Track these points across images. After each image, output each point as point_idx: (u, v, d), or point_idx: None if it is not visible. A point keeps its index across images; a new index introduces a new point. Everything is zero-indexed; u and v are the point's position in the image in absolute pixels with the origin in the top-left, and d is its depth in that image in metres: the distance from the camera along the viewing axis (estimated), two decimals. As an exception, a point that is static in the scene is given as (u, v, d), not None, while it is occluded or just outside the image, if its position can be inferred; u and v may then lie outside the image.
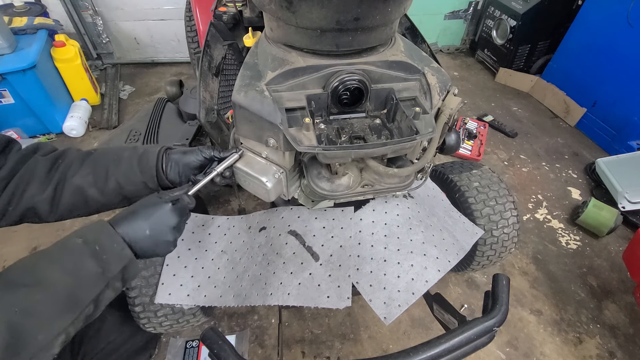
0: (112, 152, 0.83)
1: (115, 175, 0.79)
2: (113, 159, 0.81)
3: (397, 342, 1.45)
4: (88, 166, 0.79)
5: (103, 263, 0.60)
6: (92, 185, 0.78)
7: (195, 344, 1.34)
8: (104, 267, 0.60)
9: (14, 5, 2.36)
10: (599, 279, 1.73)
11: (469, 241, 1.09)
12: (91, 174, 0.78)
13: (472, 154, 2.36)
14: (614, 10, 2.31)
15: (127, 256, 0.63)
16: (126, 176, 0.80)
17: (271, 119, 0.69)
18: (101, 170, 0.79)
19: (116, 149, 0.85)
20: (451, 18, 3.45)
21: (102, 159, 0.81)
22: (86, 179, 0.77)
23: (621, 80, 2.35)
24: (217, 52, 1.17)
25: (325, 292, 0.84)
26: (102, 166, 0.79)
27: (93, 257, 0.59)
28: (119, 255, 0.62)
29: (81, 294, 0.57)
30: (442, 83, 0.81)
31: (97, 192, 0.78)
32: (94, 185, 0.78)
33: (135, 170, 0.80)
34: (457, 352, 0.70)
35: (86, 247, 0.59)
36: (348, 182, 0.83)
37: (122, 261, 0.63)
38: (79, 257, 0.59)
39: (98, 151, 0.83)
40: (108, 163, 0.80)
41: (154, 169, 0.81)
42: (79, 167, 0.78)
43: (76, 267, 0.58)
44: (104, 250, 0.61)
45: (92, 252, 0.59)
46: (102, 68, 3.02)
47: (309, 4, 0.62)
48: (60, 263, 0.57)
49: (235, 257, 0.98)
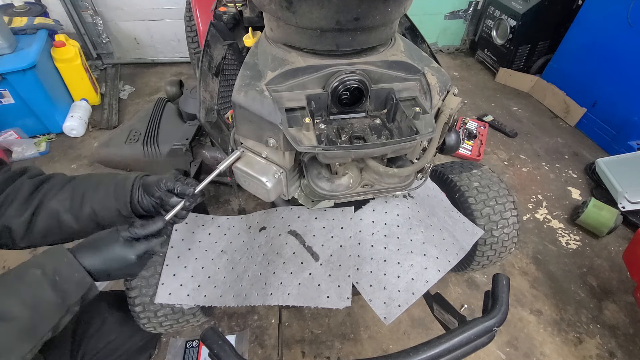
0: (93, 178, 0.83)
1: (91, 201, 0.79)
2: (92, 185, 0.81)
3: (397, 342, 1.45)
4: (67, 190, 0.79)
5: (63, 293, 0.60)
6: (68, 211, 0.77)
7: (195, 344, 1.34)
8: (64, 297, 0.60)
9: (14, 5, 2.36)
10: (599, 279, 1.73)
11: (469, 241, 1.09)
12: (68, 198, 0.78)
13: (472, 154, 2.36)
14: (614, 10, 2.31)
15: (87, 283, 0.64)
16: (101, 203, 0.79)
17: (271, 119, 0.69)
18: (78, 195, 0.79)
19: (99, 175, 0.85)
20: (451, 18, 3.45)
21: (81, 184, 0.81)
22: (63, 204, 0.77)
23: (621, 80, 2.35)
24: (217, 52, 1.16)
25: (325, 292, 0.84)
26: (79, 191, 0.79)
27: (52, 288, 0.59)
28: (79, 284, 0.63)
29: (40, 324, 0.58)
30: (442, 83, 0.81)
31: (72, 217, 0.78)
32: (69, 211, 0.78)
33: (111, 196, 0.80)
34: (457, 352, 0.70)
35: (45, 278, 0.59)
36: (348, 182, 0.83)
37: (82, 289, 0.63)
38: (37, 289, 0.59)
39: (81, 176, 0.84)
40: (86, 188, 0.80)
41: (128, 196, 0.80)
42: (58, 191, 0.78)
43: (35, 299, 0.58)
44: (63, 280, 0.61)
45: (51, 283, 0.59)
46: (102, 68, 3.02)
47: (309, 4, 0.62)
48: (18, 296, 0.57)
49: (235, 257, 0.98)
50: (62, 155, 2.22)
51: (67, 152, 2.24)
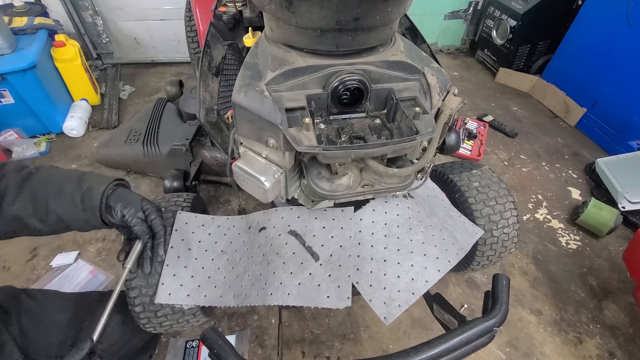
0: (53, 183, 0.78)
1: (56, 210, 0.76)
2: (53, 192, 0.77)
3: (397, 342, 1.45)
4: (26, 196, 0.75)
5: None
6: (32, 216, 0.75)
7: (195, 344, 1.34)
8: None
9: (14, 5, 2.36)
10: (599, 279, 1.73)
11: (469, 241, 1.09)
12: (30, 205, 0.75)
13: (472, 154, 2.36)
14: (614, 10, 2.31)
15: None
16: (68, 211, 0.77)
17: (271, 119, 0.69)
18: (41, 203, 0.76)
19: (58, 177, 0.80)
20: (451, 18, 3.45)
21: (41, 189, 0.77)
22: (24, 210, 0.74)
23: (621, 80, 2.35)
24: (217, 52, 1.16)
25: (325, 292, 0.84)
26: (41, 198, 0.76)
27: None
28: None
29: None
30: (442, 83, 0.81)
31: (38, 222, 0.76)
32: (33, 216, 0.75)
33: (78, 206, 0.77)
34: (457, 352, 0.70)
35: None
36: (348, 182, 0.83)
37: None
38: None
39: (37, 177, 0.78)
40: (48, 196, 0.76)
41: (97, 210, 0.78)
42: (15, 197, 0.74)
43: None
44: None
45: None
46: (102, 68, 3.02)
47: (309, 4, 0.62)
48: None
49: (235, 257, 0.98)
50: (62, 155, 2.22)
51: (67, 152, 2.24)
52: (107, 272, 1.60)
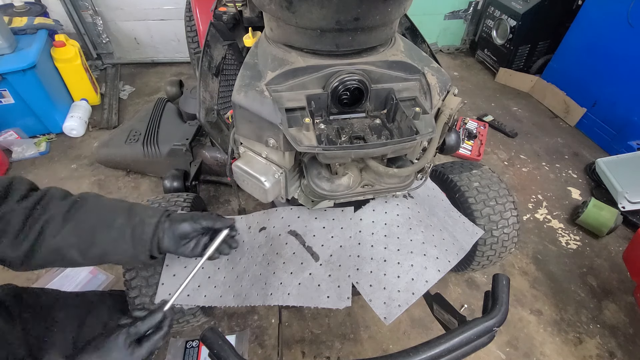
0: (101, 214, 0.75)
1: (103, 243, 0.73)
2: (102, 224, 0.74)
3: (397, 342, 1.45)
4: (72, 227, 0.71)
5: None
6: (74, 247, 0.72)
7: (195, 344, 1.33)
8: None
9: (14, 5, 2.36)
10: (599, 279, 1.73)
11: (469, 241, 1.09)
12: (74, 236, 0.71)
13: (472, 154, 2.36)
14: (614, 10, 2.31)
15: None
16: (115, 245, 0.74)
17: (271, 119, 0.69)
18: (87, 235, 0.72)
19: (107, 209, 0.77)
20: (451, 18, 3.45)
21: (89, 220, 0.74)
22: (67, 241, 0.71)
23: (621, 80, 2.35)
24: (217, 52, 1.16)
25: (325, 292, 0.84)
26: (88, 230, 0.73)
27: None
28: None
29: None
30: (442, 83, 0.81)
31: (78, 254, 0.73)
32: (76, 248, 0.72)
33: (128, 241, 0.75)
34: (457, 352, 0.70)
35: None
36: (348, 182, 0.83)
37: None
38: None
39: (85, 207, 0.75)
40: (96, 228, 0.73)
41: (148, 243, 0.76)
42: (60, 227, 0.70)
43: None
44: None
45: None
46: (102, 68, 3.02)
47: (309, 4, 0.62)
48: None
49: (235, 257, 0.98)
50: (62, 155, 2.22)
51: (67, 152, 2.24)
52: (107, 273, 1.60)
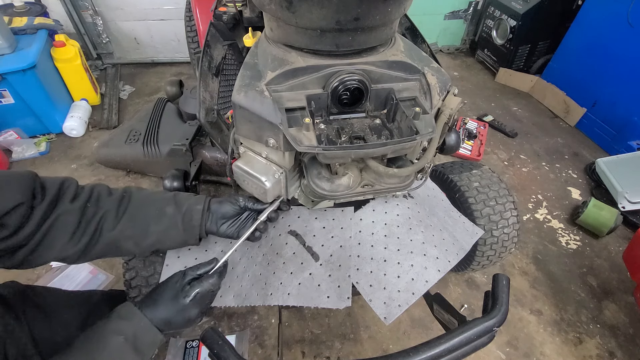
0: (152, 206, 0.80)
1: (156, 232, 0.79)
2: (154, 214, 0.79)
3: (397, 342, 1.45)
4: (126, 220, 0.77)
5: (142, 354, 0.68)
6: (129, 239, 0.77)
7: (195, 344, 1.33)
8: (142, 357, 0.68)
9: (14, 5, 2.36)
10: (599, 279, 1.73)
11: (469, 241, 1.09)
12: (130, 228, 0.77)
13: (472, 154, 2.36)
14: (614, 10, 2.31)
15: (159, 341, 0.71)
16: (167, 234, 0.80)
17: (271, 119, 0.69)
18: (141, 226, 0.78)
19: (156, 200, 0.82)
20: (451, 18, 3.45)
21: (141, 212, 0.79)
22: (123, 233, 0.76)
23: (621, 80, 2.35)
24: (217, 52, 1.16)
25: (325, 292, 0.84)
26: (142, 221, 0.78)
27: (134, 351, 0.66)
28: (153, 343, 0.70)
29: None
30: (442, 83, 0.81)
31: (133, 245, 0.78)
32: (131, 239, 0.77)
33: (179, 228, 0.80)
34: (457, 352, 0.70)
35: (127, 344, 0.66)
36: (348, 182, 0.83)
37: (156, 346, 0.71)
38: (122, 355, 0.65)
39: (134, 200, 0.80)
40: (149, 219, 0.79)
41: (197, 229, 0.82)
42: (116, 222, 0.76)
43: None
44: (141, 343, 0.68)
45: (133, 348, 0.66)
46: (102, 68, 3.02)
47: (309, 4, 0.62)
48: None
49: (235, 257, 0.98)
50: (62, 155, 2.22)
51: (67, 152, 2.24)
52: (107, 272, 1.60)
